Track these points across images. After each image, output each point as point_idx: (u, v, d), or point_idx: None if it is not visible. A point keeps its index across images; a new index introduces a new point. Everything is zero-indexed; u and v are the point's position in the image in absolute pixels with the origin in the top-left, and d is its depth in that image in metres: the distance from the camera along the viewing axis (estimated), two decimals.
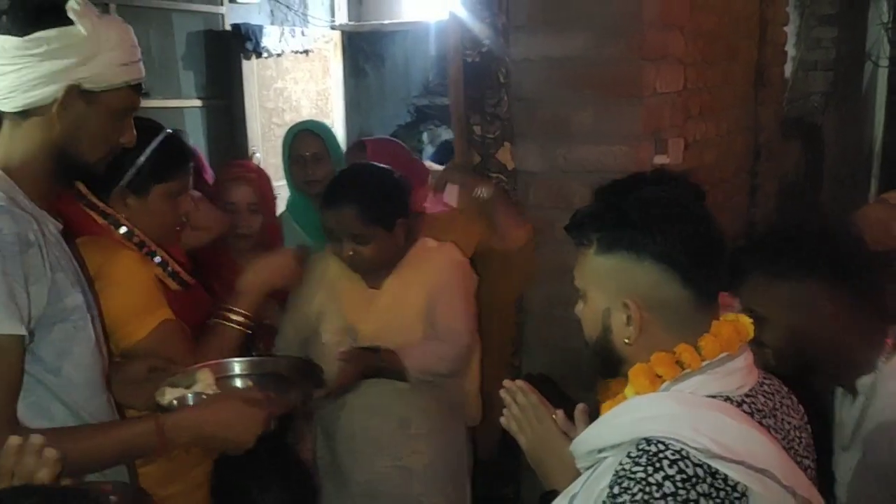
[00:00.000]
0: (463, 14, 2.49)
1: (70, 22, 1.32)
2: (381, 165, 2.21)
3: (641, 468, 1.01)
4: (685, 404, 1.08)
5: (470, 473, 2.29)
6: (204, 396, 1.54)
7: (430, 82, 6.77)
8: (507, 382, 1.41)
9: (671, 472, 1.00)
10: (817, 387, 1.58)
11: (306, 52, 6.04)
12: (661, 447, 1.02)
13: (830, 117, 5.60)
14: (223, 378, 1.66)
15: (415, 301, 2.08)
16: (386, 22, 6.63)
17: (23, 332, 1.28)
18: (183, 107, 5.29)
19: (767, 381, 1.20)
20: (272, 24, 5.87)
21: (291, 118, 5.65)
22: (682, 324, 1.13)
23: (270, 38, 5.62)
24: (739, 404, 1.12)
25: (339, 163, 2.73)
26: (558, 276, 2.35)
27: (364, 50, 6.85)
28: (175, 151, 1.77)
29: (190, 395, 1.55)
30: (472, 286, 2.19)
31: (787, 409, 1.19)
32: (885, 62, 6.08)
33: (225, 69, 5.47)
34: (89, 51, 1.33)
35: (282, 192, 2.86)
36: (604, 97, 2.45)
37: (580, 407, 1.36)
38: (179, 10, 5.32)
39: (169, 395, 1.54)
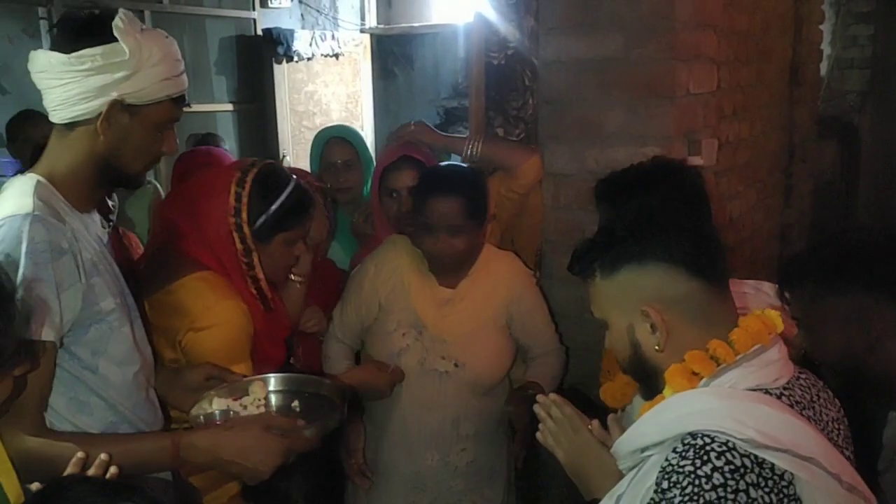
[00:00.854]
0: (489, 16, 2.49)
1: (114, 39, 1.36)
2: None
3: (689, 461, 1.02)
4: (726, 398, 1.08)
5: (510, 478, 2.29)
6: (232, 414, 1.53)
7: (459, 84, 6.76)
8: (540, 397, 1.41)
9: (719, 463, 1.01)
10: (866, 406, 1.53)
11: (336, 55, 6.08)
12: (707, 440, 1.03)
13: (867, 116, 5.50)
14: (274, 392, 1.66)
15: (493, 310, 2.11)
16: (415, 24, 6.65)
17: (52, 338, 1.31)
18: (216, 111, 5.36)
19: (803, 375, 1.21)
20: (303, 28, 5.92)
21: (321, 121, 5.69)
22: (704, 316, 1.15)
23: (301, 42, 5.67)
24: (779, 396, 1.12)
25: (369, 169, 2.72)
26: None
27: (393, 52, 6.87)
28: (300, 202, 1.81)
29: (217, 412, 1.54)
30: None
31: (824, 401, 1.19)
32: None
33: (256, 73, 5.53)
34: (133, 67, 1.37)
35: None
36: (635, 98, 2.43)
37: (612, 416, 1.36)
38: (212, 16, 5.39)
39: (210, 406, 1.55)
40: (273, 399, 1.64)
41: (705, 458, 1.01)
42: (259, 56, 5.50)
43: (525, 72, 2.50)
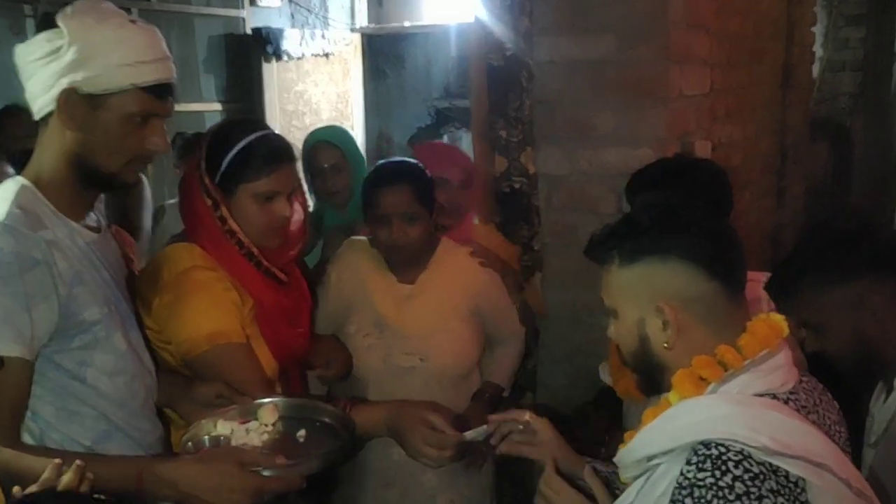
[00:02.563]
0: (486, 18, 2.47)
1: (56, 25, 1.31)
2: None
3: (709, 473, 0.99)
4: (736, 404, 1.06)
5: (492, 476, 2.27)
6: (222, 439, 1.44)
7: (450, 84, 6.74)
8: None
9: (738, 472, 0.99)
10: (860, 384, 1.57)
11: (326, 55, 6.05)
12: (722, 449, 1.01)
13: (859, 118, 5.52)
14: (284, 418, 1.54)
15: (455, 301, 2.10)
16: (406, 24, 6.62)
17: (17, 353, 1.26)
18: (204, 111, 5.32)
19: (805, 379, 1.19)
20: (292, 27, 5.88)
21: (311, 121, 5.65)
22: (717, 320, 1.13)
23: (291, 42, 5.63)
24: (786, 401, 1.11)
25: (359, 169, 2.68)
26: (581, 280, 2.32)
27: (384, 52, 6.84)
28: (263, 151, 1.64)
29: (206, 438, 1.45)
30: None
31: (825, 404, 1.18)
32: None
33: (245, 73, 5.49)
34: (80, 52, 1.31)
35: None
36: (628, 99, 2.42)
37: (587, 470, 1.32)
38: (201, 15, 5.34)
39: (215, 428, 1.46)
40: (280, 426, 1.52)
41: (724, 468, 0.99)
42: (248, 55, 5.45)
43: (522, 73, 2.49)
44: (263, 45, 5.42)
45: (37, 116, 1.37)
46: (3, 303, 1.24)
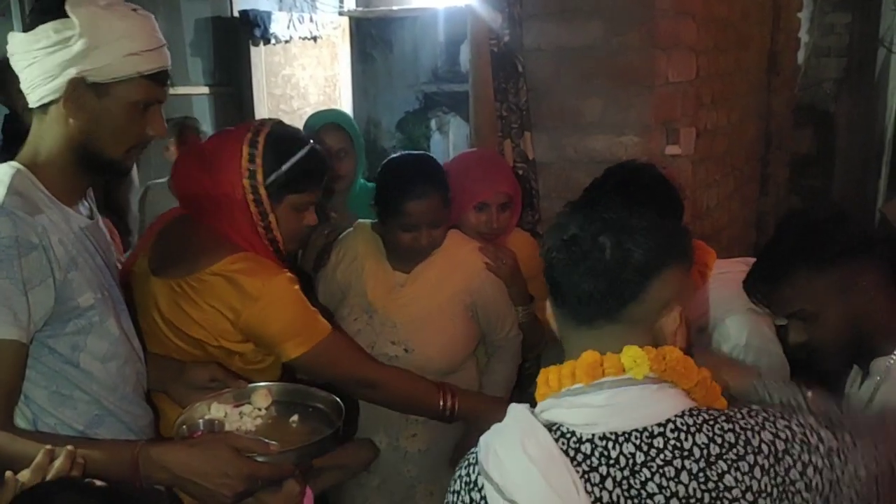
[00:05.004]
0: (479, 3, 2.46)
1: (66, 15, 1.31)
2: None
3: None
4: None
5: None
6: (216, 423, 1.46)
7: (438, 69, 6.72)
8: None
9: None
10: (844, 371, 1.59)
11: (314, 38, 6.01)
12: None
13: (843, 104, 5.55)
14: (277, 403, 1.57)
15: (448, 295, 2.07)
16: (394, 8, 6.58)
17: (13, 336, 1.27)
18: (191, 94, 5.28)
19: (689, 435, 1.00)
20: (280, 10, 5.84)
21: (299, 105, 5.63)
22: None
23: (278, 25, 5.59)
24: (580, 439, 1.02)
25: (361, 153, 2.63)
26: None
27: (372, 36, 6.80)
28: (314, 165, 1.73)
29: (200, 422, 1.46)
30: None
31: (677, 472, 0.98)
32: None
33: (233, 56, 5.44)
34: (89, 42, 1.31)
35: None
36: (615, 87, 2.43)
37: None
38: None
39: (209, 411, 1.49)
40: (274, 410, 1.55)
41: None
42: (236, 38, 5.40)
43: (518, 58, 2.48)
44: (251, 28, 5.37)
45: (35, 104, 1.37)
46: (1, 286, 1.25)
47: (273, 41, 5.53)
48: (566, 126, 2.51)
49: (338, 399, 1.57)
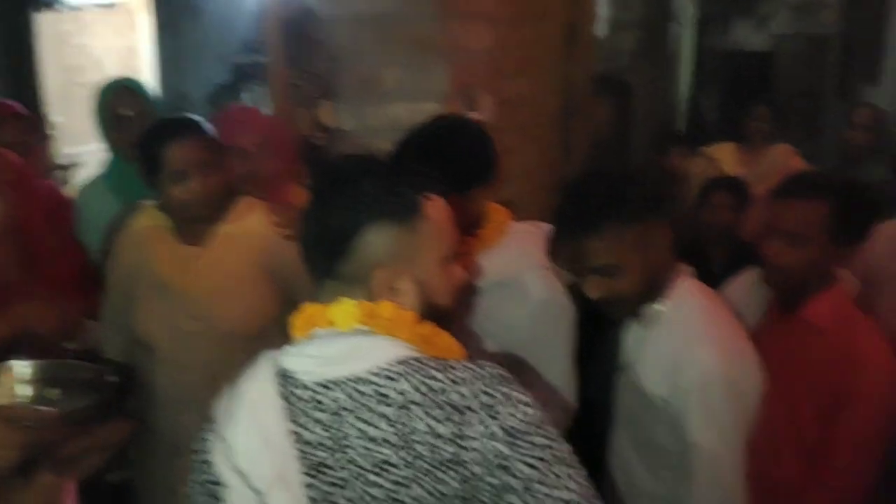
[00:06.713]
0: None
1: None
2: None
3: None
4: None
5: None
6: None
7: (250, 39, 6.47)
8: None
9: None
10: (623, 314, 1.72)
11: (110, 5, 5.59)
12: None
13: (640, 76, 5.91)
14: (38, 381, 1.47)
15: (245, 260, 2.04)
16: None
17: None
18: None
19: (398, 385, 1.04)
20: None
21: (94, 76, 5.23)
22: None
23: None
24: (297, 385, 1.10)
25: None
26: None
27: (178, 3, 6.43)
28: None
29: None
30: None
31: (377, 417, 1.03)
32: (688, 22, 6.49)
33: (12, 24, 4.95)
34: None
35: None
36: (413, 55, 2.43)
37: None
38: None
39: None
40: (28, 389, 1.45)
41: None
42: (13, 4, 4.92)
43: (311, 26, 2.43)
44: None
45: None
46: None
47: (59, 7, 5.09)
48: (367, 94, 2.49)
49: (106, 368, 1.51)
